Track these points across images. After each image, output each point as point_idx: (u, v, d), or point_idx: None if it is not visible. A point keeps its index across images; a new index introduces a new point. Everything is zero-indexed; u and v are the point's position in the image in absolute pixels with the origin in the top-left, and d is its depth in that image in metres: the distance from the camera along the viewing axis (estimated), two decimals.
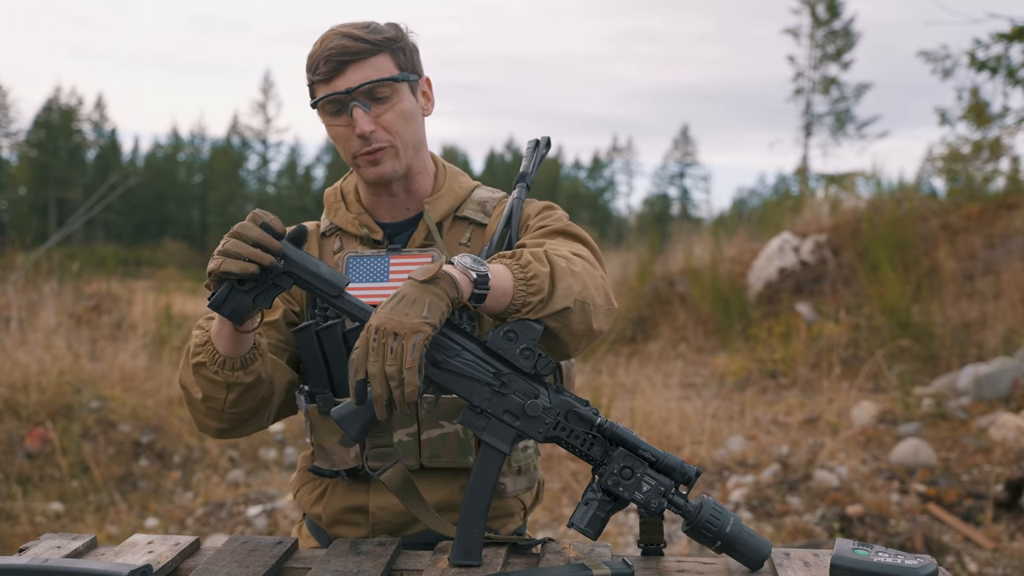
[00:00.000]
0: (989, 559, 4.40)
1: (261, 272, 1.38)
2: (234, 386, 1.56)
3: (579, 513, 1.42)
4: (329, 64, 1.60)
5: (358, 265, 1.70)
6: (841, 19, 33.95)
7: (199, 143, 63.58)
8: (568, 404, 1.43)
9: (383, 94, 1.63)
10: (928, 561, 1.32)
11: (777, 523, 4.83)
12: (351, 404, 1.41)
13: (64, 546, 1.52)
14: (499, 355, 1.41)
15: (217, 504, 5.37)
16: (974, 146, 11.92)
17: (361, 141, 1.63)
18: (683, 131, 69.26)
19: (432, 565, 1.43)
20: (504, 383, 1.41)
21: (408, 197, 1.74)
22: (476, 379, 1.41)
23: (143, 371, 7.36)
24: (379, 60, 1.62)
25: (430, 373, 1.39)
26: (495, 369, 1.41)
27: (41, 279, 9.09)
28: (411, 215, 1.75)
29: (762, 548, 1.41)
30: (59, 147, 53.37)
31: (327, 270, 1.39)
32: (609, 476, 1.41)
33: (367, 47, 1.61)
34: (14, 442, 5.82)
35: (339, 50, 1.60)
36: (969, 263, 9.46)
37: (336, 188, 1.82)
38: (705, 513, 1.41)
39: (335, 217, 1.77)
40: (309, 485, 1.81)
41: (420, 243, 1.72)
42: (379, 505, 1.71)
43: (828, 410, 6.88)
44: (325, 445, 1.72)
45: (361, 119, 1.61)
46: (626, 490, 1.41)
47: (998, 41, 9.62)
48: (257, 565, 1.44)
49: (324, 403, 1.67)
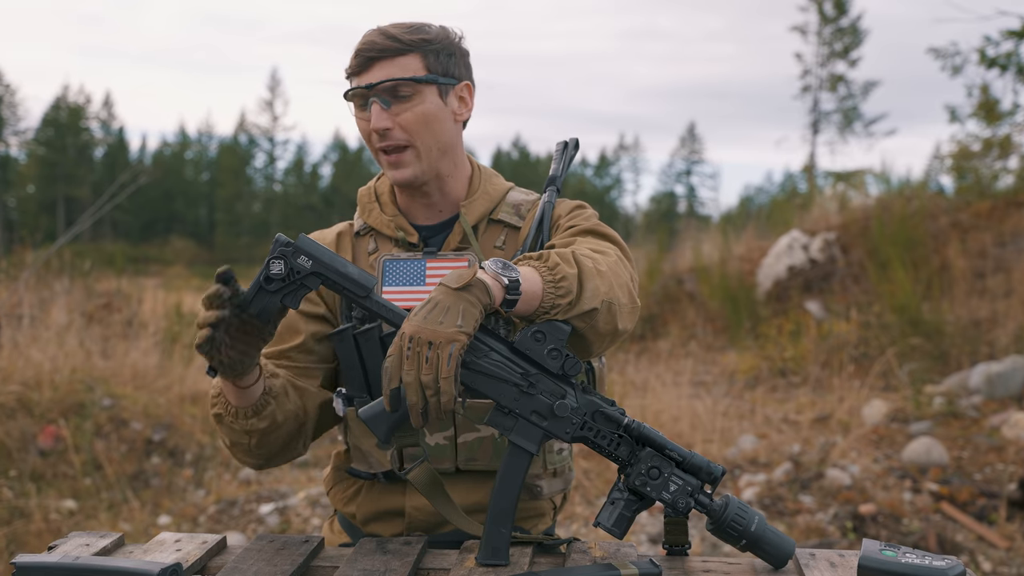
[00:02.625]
0: (1003, 558, 4.39)
1: (288, 272, 1.37)
2: (252, 432, 1.58)
3: (605, 513, 1.43)
4: (358, 59, 1.64)
5: (394, 268, 1.69)
6: (849, 16, 33.86)
7: (206, 141, 63.70)
8: (595, 404, 1.44)
9: (405, 93, 1.63)
10: (955, 562, 1.33)
11: (789, 522, 4.82)
12: (379, 405, 1.42)
13: (92, 544, 1.52)
14: (527, 356, 1.41)
15: (229, 502, 5.38)
16: (984, 143, 11.89)
17: (377, 136, 1.65)
18: (690, 129, 69.19)
19: (459, 564, 1.44)
20: (532, 383, 1.42)
21: (442, 199, 1.74)
22: (504, 380, 1.41)
23: (154, 369, 7.37)
24: (406, 60, 1.63)
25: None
26: (523, 370, 1.41)
27: (51, 277, 9.12)
28: (445, 217, 1.75)
29: (786, 546, 1.42)
30: (67, 145, 53.48)
31: (355, 270, 1.38)
32: (637, 476, 1.42)
33: (397, 46, 1.62)
34: (27, 440, 5.84)
35: (369, 46, 1.63)
36: (979, 261, 9.43)
37: (370, 188, 1.82)
38: (731, 512, 1.41)
39: (369, 217, 1.77)
40: (343, 484, 1.81)
41: (455, 246, 1.72)
42: (414, 506, 1.71)
43: (839, 408, 6.88)
44: (363, 447, 1.72)
45: (376, 115, 1.62)
46: (653, 490, 1.41)
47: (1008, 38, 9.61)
48: (285, 564, 1.45)
49: (361, 405, 1.66)
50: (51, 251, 9.45)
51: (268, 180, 61.61)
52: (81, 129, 55.17)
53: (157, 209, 56.76)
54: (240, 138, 60.27)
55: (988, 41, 9.78)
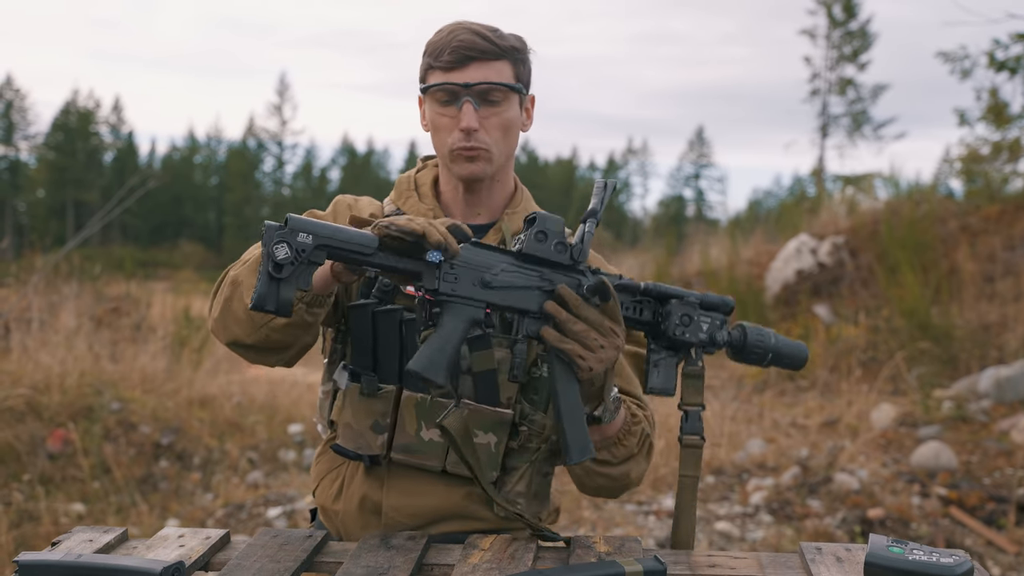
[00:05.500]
0: (1012, 563, 4.37)
1: (294, 254, 1.32)
2: (304, 326, 1.53)
3: (653, 376, 1.53)
4: (455, 55, 1.62)
5: None
6: (858, 20, 33.82)
7: (215, 145, 63.88)
8: (610, 280, 1.49)
9: (495, 99, 1.65)
10: (964, 559, 1.32)
11: (797, 526, 4.81)
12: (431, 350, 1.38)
13: (96, 539, 1.52)
14: (536, 258, 1.44)
15: (237, 505, 5.39)
16: (993, 147, 11.84)
17: (461, 135, 1.64)
18: (698, 132, 69.17)
19: (463, 560, 1.44)
20: (551, 281, 1.44)
21: (485, 204, 1.75)
22: (526, 287, 1.43)
23: (163, 373, 7.39)
24: (501, 65, 1.65)
25: (483, 295, 1.40)
26: (537, 272, 1.44)
27: (61, 281, 9.14)
28: (481, 222, 1.76)
29: (802, 351, 1.60)
30: (77, 150, 53.69)
31: (355, 233, 1.35)
32: (673, 328, 1.52)
33: (494, 49, 1.64)
34: (36, 443, 5.86)
35: (468, 44, 1.62)
36: (989, 265, 9.40)
37: (410, 176, 1.81)
38: (752, 336, 1.56)
39: (404, 204, 1.76)
40: (328, 478, 1.77)
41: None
42: (392, 505, 1.67)
43: (847, 413, 6.85)
44: (356, 426, 1.67)
45: (469, 114, 1.62)
46: (691, 334, 1.53)
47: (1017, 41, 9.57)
48: (288, 559, 1.44)
49: (368, 384, 1.64)
50: (60, 255, 9.48)
51: (277, 184, 61.77)
52: (91, 133, 55.40)
53: (166, 213, 56.93)
54: (249, 142, 60.44)
55: (997, 44, 9.74)
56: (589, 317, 1.43)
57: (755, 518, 4.96)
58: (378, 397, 1.64)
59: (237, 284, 1.54)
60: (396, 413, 1.64)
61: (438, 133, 1.68)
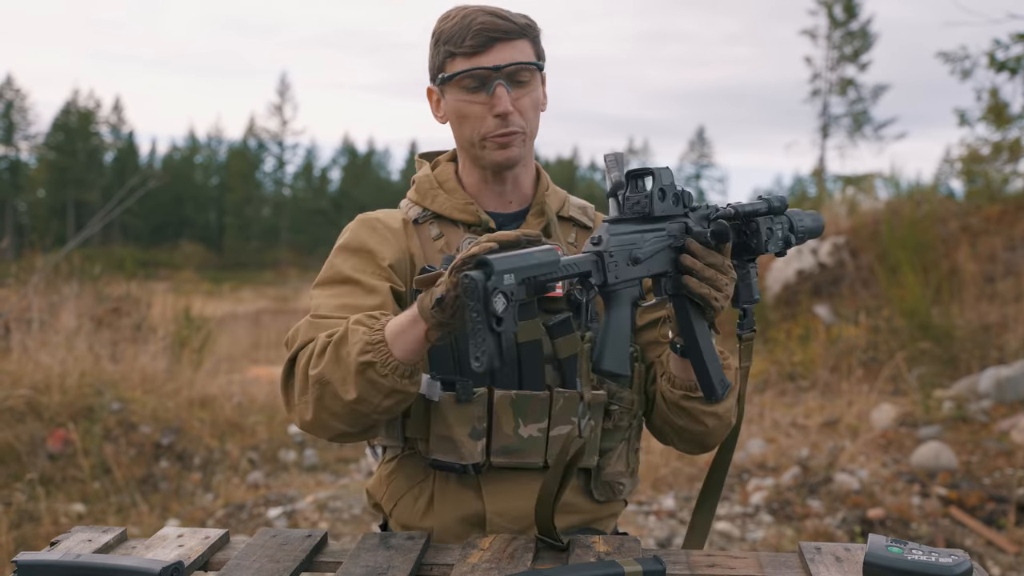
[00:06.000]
0: (1012, 563, 4.36)
1: (508, 301, 1.19)
2: (395, 393, 1.43)
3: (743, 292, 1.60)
4: (478, 38, 1.57)
5: None
6: (858, 20, 33.86)
7: (216, 145, 63.95)
8: (704, 214, 1.50)
9: (524, 79, 1.61)
10: (963, 558, 1.32)
11: (797, 526, 4.81)
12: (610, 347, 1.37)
13: (95, 539, 1.52)
14: (659, 217, 1.44)
15: (238, 506, 5.39)
16: (993, 147, 11.84)
17: (497, 121, 1.60)
18: (699, 132, 69.18)
19: (462, 560, 1.43)
20: (673, 235, 1.45)
21: (514, 189, 1.72)
22: (661, 249, 1.43)
23: (163, 373, 7.39)
24: (522, 44, 1.61)
25: (636, 272, 1.39)
26: (662, 229, 1.44)
27: (61, 281, 9.13)
28: (513, 209, 1.73)
29: (820, 222, 1.72)
30: (77, 150, 53.76)
31: (539, 253, 1.24)
32: (763, 244, 1.57)
33: (515, 28, 1.59)
34: (36, 443, 5.86)
35: (490, 26, 1.57)
36: (989, 265, 9.39)
37: (429, 175, 1.76)
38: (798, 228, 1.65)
39: (433, 203, 1.71)
40: (410, 496, 1.69)
41: None
42: (496, 511, 1.62)
43: (848, 413, 6.85)
44: (455, 437, 1.58)
45: (505, 98, 1.58)
46: (773, 245, 1.60)
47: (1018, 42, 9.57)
48: (287, 559, 1.44)
49: (464, 391, 1.57)
50: (61, 255, 9.48)
51: (277, 184, 61.83)
52: (91, 133, 55.47)
53: (167, 213, 56.97)
54: (250, 142, 60.48)
55: (998, 44, 9.74)
56: (715, 262, 1.46)
57: (755, 518, 4.96)
58: (474, 402, 1.57)
59: (326, 383, 1.44)
60: (491, 415, 1.59)
61: (466, 121, 1.63)
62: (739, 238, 1.56)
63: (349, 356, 1.42)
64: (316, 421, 1.49)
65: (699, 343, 1.50)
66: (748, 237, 1.56)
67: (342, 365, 1.43)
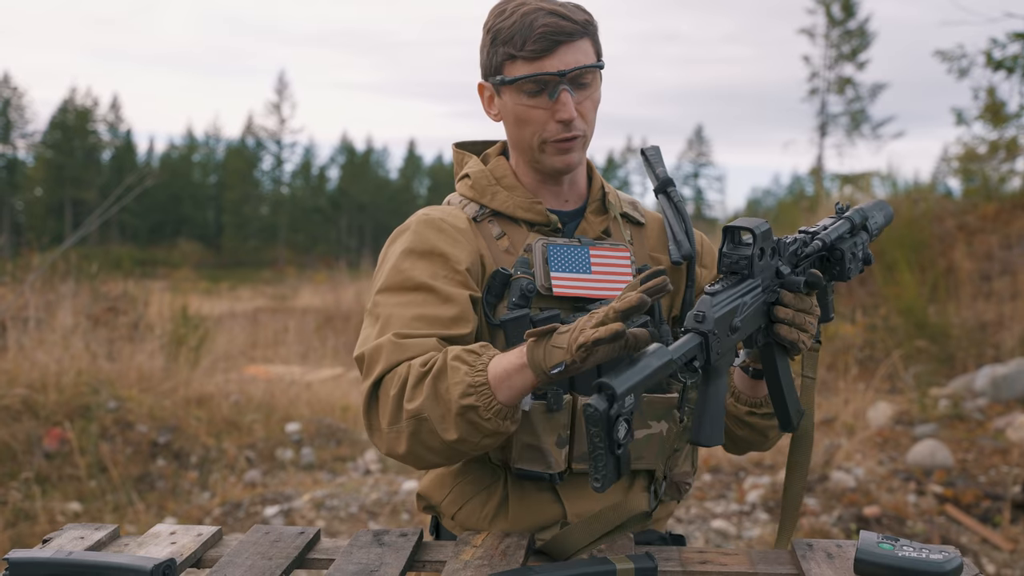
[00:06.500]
0: (1007, 560, 4.37)
1: (628, 425, 1.20)
2: (497, 435, 1.39)
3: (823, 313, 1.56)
4: (543, 42, 1.51)
5: (559, 254, 1.58)
6: (856, 19, 33.87)
7: (214, 144, 63.90)
8: (793, 249, 1.50)
9: (586, 81, 1.56)
10: (953, 554, 1.32)
11: None
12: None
13: (87, 536, 1.52)
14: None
15: (234, 504, 5.39)
16: (990, 146, 11.86)
17: (560, 127, 1.55)
18: (697, 131, 69.19)
19: (455, 557, 1.44)
20: (767, 288, 1.44)
21: (570, 188, 1.68)
22: (757, 307, 1.42)
23: (160, 371, 7.38)
24: (585, 44, 1.55)
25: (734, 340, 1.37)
26: (757, 285, 1.42)
27: (58, 280, 9.12)
28: (570, 207, 1.69)
29: (889, 211, 1.70)
30: (75, 148, 53.68)
31: (653, 359, 1.21)
32: (847, 271, 1.56)
33: (577, 28, 1.53)
34: (32, 442, 5.85)
35: (554, 28, 1.51)
36: (986, 263, 9.41)
37: (485, 171, 1.68)
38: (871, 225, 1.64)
39: (493, 200, 1.65)
40: (477, 501, 1.63)
41: (596, 236, 1.66)
42: (577, 513, 1.58)
43: (844, 411, 6.86)
44: (543, 446, 1.53)
45: (570, 104, 1.53)
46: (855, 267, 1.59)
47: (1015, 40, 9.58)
48: (280, 556, 1.44)
49: (555, 399, 1.51)
50: (57, 254, 9.47)
51: (275, 183, 61.78)
52: (89, 132, 55.39)
53: (164, 212, 56.92)
54: (248, 141, 60.42)
55: (995, 43, 9.76)
56: (804, 308, 1.47)
57: (751, 516, 4.96)
58: (562, 410, 1.52)
59: (424, 419, 1.39)
60: (573, 422, 1.54)
61: (527, 126, 1.57)
62: (822, 265, 1.55)
63: (450, 396, 1.37)
64: (410, 454, 1.44)
65: (780, 378, 1.50)
66: (832, 264, 1.55)
67: (441, 403, 1.38)
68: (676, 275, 1.70)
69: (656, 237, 1.74)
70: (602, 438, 1.14)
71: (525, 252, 1.60)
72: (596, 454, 1.15)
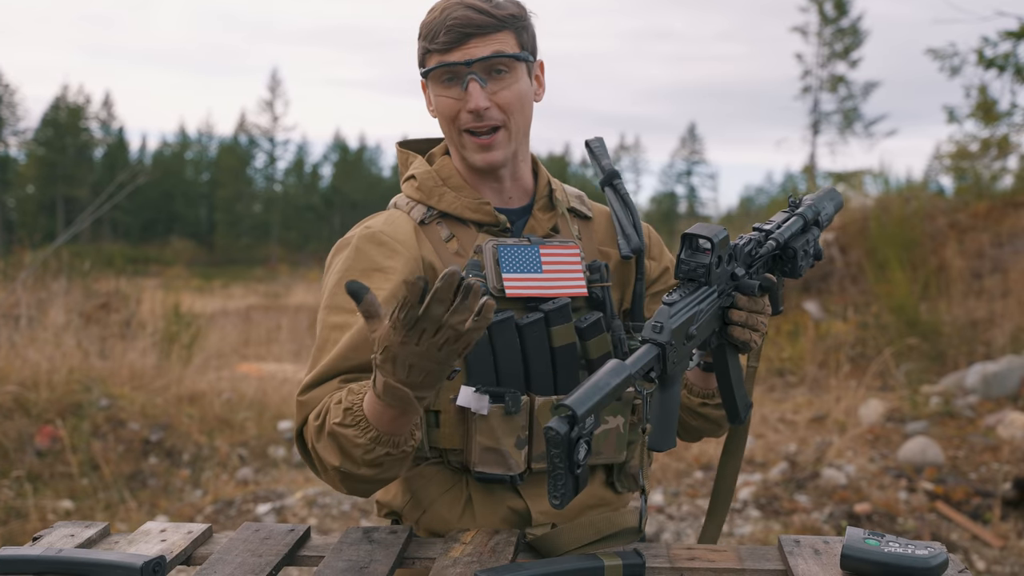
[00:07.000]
0: (997, 557, 4.39)
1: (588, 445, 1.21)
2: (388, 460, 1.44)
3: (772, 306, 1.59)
4: (451, 34, 1.53)
5: (509, 255, 1.59)
6: (849, 17, 33.94)
7: (206, 141, 63.74)
8: (747, 250, 1.51)
9: (502, 71, 1.56)
10: (939, 550, 1.33)
11: (785, 521, 4.83)
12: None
13: (77, 534, 1.52)
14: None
15: (226, 502, 5.39)
16: (982, 144, 11.91)
17: (471, 116, 1.56)
18: (690, 129, 69.25)
19: (444, 553, 1.44)
20: (720, 293, 1.46)
21: (513, 185, 1.68)
22: (712, 312, 1.44)
23: (152, 369, 7.38)
24: (503, 36, 1.56)
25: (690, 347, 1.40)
26: (714, 290, 1.44)
27: (50, 277, 9.11)
28: (515, 205, 1.69)
29: (839, 199, 1.70)
30: (67, 145, 53.51)
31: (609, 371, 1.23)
32: (800, 268, 1.56)
33: (492, 22, 1.55)
34: (24, 440, 5.85)
35: (463, 21, 1.53)
36: (977, 261, 9.44)
37: (431, 172, 1.68)
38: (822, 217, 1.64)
39: (440, 202, 1.64)
40: (441, 502, 1.62)
41: (544, 233, 1.66)
42: (541, 511, 1.60)
43: (836, 408, 6.88)
44: (502, 448, 1.55)
45: (476, 94, 1.54)
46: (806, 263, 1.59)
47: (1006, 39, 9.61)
48: (270, 553, 1.45)
49: (513, 402, 1.54)
50: (49, 251, 9.45)
51: (268, 180, 61.63)
52: (81, 129, 55.22)
53: (157, 209, 56.78)
54: (240, 138, 60.30)
55: (986, 42, 9.79)
56: (757, 309, 1.51)
57: (743, 513, 4.98)
58: (520, 412, 1.55)
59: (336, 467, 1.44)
60: (531, 423, 1.56)
61: (443, 116, 1.60)
62: (774, 261, 1.57)
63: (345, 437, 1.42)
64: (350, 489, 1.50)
65: (730, 373, 1.53)
66: (784, 262, 1.57)
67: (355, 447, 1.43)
68: (626, 269, 1.72)
69: (604, 231, 1.75)
70: (563, 459, 1.16)
71: (475, 254, 1.60)
72: (556, 473, 1.17)
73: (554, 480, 1.18)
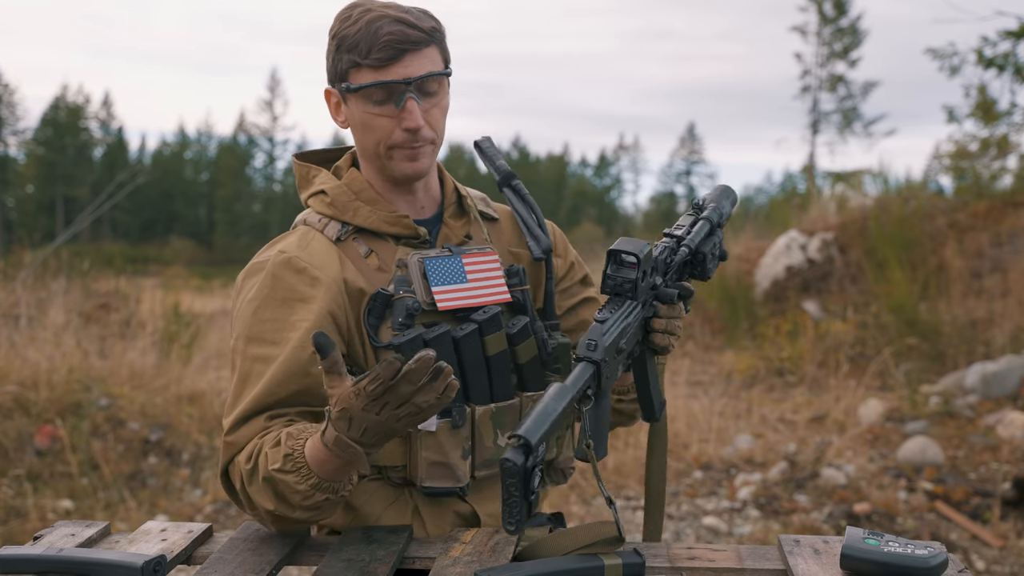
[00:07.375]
0: (996, 557, 4.39)
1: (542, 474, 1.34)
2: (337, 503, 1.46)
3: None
4: (388, 50, 1.48)
5: (435, 267, 1.59)
6: (848, 17, 33.98)
7: (206, 141, 63.74)
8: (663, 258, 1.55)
9: (432, 89, 1.55)
10: (939, 550, 1.33)
11: (784, 521, 4.83)
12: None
13: (78, 534, 1.53)
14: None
15: (226, 501, 5.38)
16: (981, 143, 11.90)
17: (407, 135, 1.53)
18: (689, 129, 69.26)
19: (444, 553, 1.44)
20: (643, 303, 1.50)
21: (424, 195, 1.67)
22: (637, 323, 1.48)
23: (152, 369, 7.37)
24: (432, 51, 1.54)
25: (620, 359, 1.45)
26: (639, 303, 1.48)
27: (49, 277, 9.11)
28: (426, 214, 1.68)
29: (734, 195, 1.69)
30: (66, 145, 53.53)
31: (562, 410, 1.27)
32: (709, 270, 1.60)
33: (424, 37, 1.52)
34: (24, 440, 5.84)
35: (399, 37, 1.49)
36: (976, 261, 9.43)
37: (342, 186, 1.63)
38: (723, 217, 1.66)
39: (355, 217, 1.61)
40: (393, 509, 1.62)
41: (458, 241, 1.67)
42: (489, 512, 1.64)
43: (835, 408, 6.88)
44: (450, 461, 1.57)
45: (416, 112, 1.51)
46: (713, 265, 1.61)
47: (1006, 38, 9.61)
48: (270, 553, 1.45)
49: (460, 415, 1.57)
50: (48, 251, 9.46)
51: (268, 180, 61.65)
52: (80, 129, 55.23)
53: (156, 209, 56.79)
54: (240, 138, 60.31)
55: (986, 41, 9.78)
56: (675, 315, 1.56)
57: (742, 513, 4.98)
58: (464, 424, 1.57)
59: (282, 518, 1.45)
60: (473, 433, 1.60)
61: (373, 133, 1.55)
62: (684, 268, 1.60)
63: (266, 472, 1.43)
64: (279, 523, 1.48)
65: (647, 374, 1.57)
66: (694, 266, 1.60)
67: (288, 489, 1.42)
68: (536, 269, 1.73)
69: (510, 231, 1.76)
70: (518, 488, 1.19)
71: (399, 268, 1.59)
72: (511, 501, 1.20)
73: (509, 507, 1.20)
